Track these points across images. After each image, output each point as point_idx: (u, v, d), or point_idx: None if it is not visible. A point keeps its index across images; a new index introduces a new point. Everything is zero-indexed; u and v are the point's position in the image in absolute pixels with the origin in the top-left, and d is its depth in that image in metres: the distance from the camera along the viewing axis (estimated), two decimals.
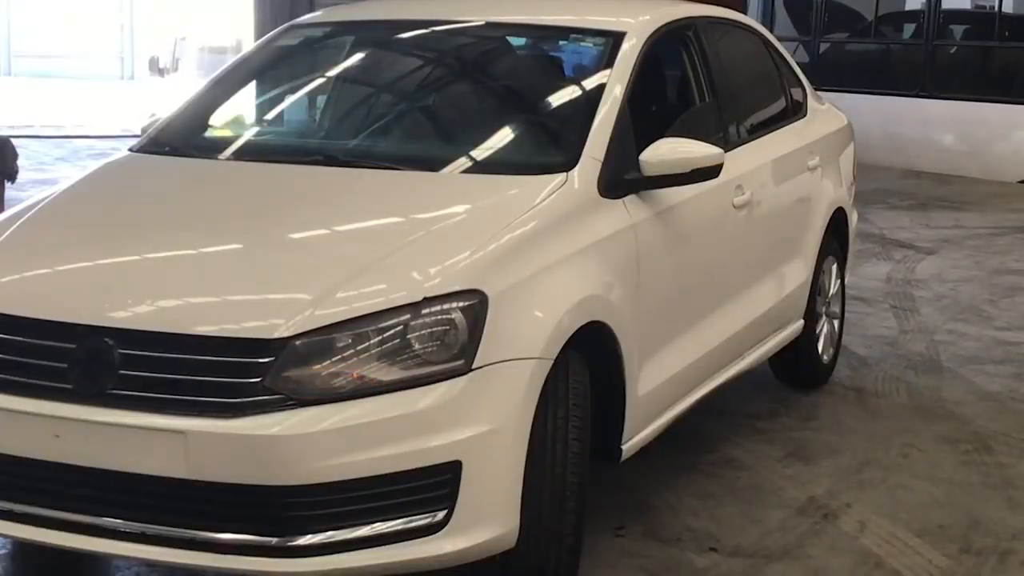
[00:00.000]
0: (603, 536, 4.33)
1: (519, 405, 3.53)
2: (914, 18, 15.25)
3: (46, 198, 4.34)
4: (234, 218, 4.11)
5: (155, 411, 3.37)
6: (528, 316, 3.63)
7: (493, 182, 4.16)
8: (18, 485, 3.54)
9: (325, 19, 5.65)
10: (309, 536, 3.34)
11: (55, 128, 18.84)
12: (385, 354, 3.41)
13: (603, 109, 4.41)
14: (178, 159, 4.68)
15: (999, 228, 11.00)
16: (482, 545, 3.50)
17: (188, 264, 3.84)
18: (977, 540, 4.47)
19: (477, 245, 3.69)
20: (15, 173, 9.75)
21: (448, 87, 5.22)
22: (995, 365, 6.68)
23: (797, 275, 5.76)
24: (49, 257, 3.93)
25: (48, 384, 3.47)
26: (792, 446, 5.38)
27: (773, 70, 6.09)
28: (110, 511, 3.45)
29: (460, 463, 3.41)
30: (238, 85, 5.21)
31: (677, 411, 4.65)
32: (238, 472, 3.31)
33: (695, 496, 4.77)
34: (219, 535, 3.37)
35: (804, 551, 4.33)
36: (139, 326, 3.47)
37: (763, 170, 5.37)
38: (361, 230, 3.97)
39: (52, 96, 25.93)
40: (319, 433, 3.31)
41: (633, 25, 4.88)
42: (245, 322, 3.45)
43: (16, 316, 3.59)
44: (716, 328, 4.94)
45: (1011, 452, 5.38)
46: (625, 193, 4.28)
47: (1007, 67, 14.40)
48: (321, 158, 4.53)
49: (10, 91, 26.84)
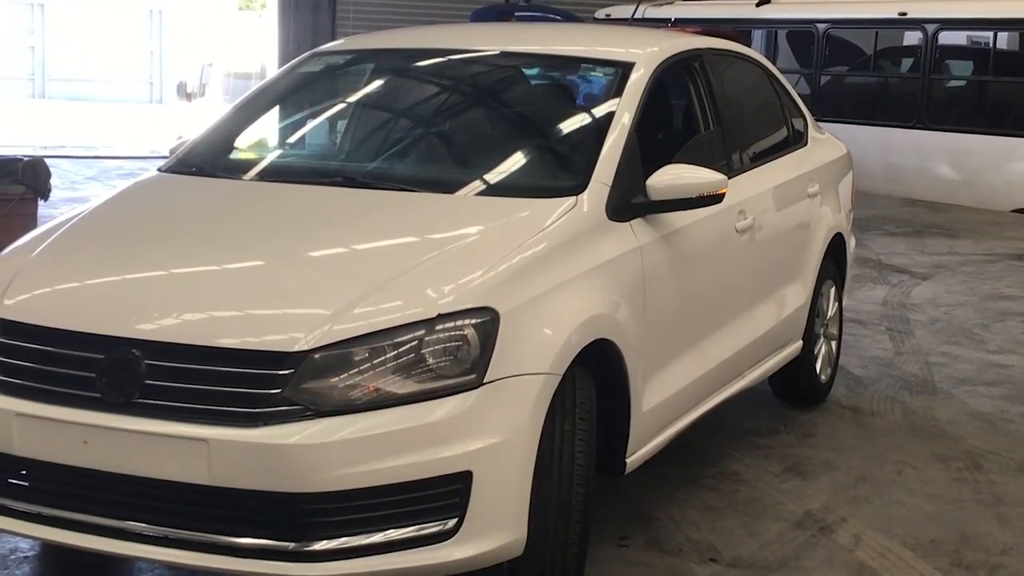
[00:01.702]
0: (607, 546, 4.32)
1: (528, 418, 3.54)
2: (912, 53, 15.24)
3: (77, 215, 4.36)
4: (257, 236, 4.12)
5: (179, 420, 3.38)
6: (538, 333, 3.64)
7: (505, 204, 4.16)
8: (46, 489, 3.56)
9: (346, 47, 5.67)
10: (325, 542, 3.34)
11: (86, 149, 18.94)
12: (400, 368, 3.42)
13: (612, 136, 4.42)
14: (204, 179, 4.69)
15: (992, 255, 10.98)
16: (491, 553, 3.50)
17: (212, 279, 3.85)
18: (968, 554, 4.46)
19: (489, 265, 3.70)
20: (48, 192, 9.80)
21: (463, 113, 5.23)
22: (987, 387, 6.67)
23: (796, 297, 5.76)
24: (79, 271, 3.94)
25: (77, 393, 3.49)
26: (790, 462, 5.37)
27: (775, 100, 6.10)
28: (134, 515, 3.46)
29: (471, 473, 3.42)
30: (262, 109, 5.23)
31: (679, 426, 4.64)
32: (258, 479, 3.32)
33: (696, 508, 4.76)
34: (238, 539, 3.38)
35: (801, 563, 4.32)
36: (164, 338, 3.48)
37: (765, 196, 5.38)
38: (378, 249, 3.98)
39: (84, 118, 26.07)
40: (336, 443, 3.32)
41: (641, 56, 4.89)
42: (266, 335, 3.46)
43: (47, 327, 3.61)
44: (718, 347, 4.94)
45: (1001, 470, 5.36)
46: (632, 217, 4.28)
47: (1000, 101, 14.39)
48: (341, 180, 4.53)
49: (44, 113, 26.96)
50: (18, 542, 4.21)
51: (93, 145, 19.74)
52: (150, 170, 4.98)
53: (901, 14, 15.02)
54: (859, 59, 16.11)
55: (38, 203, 9.69)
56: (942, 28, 14.62)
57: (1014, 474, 5.33)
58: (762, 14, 16.42)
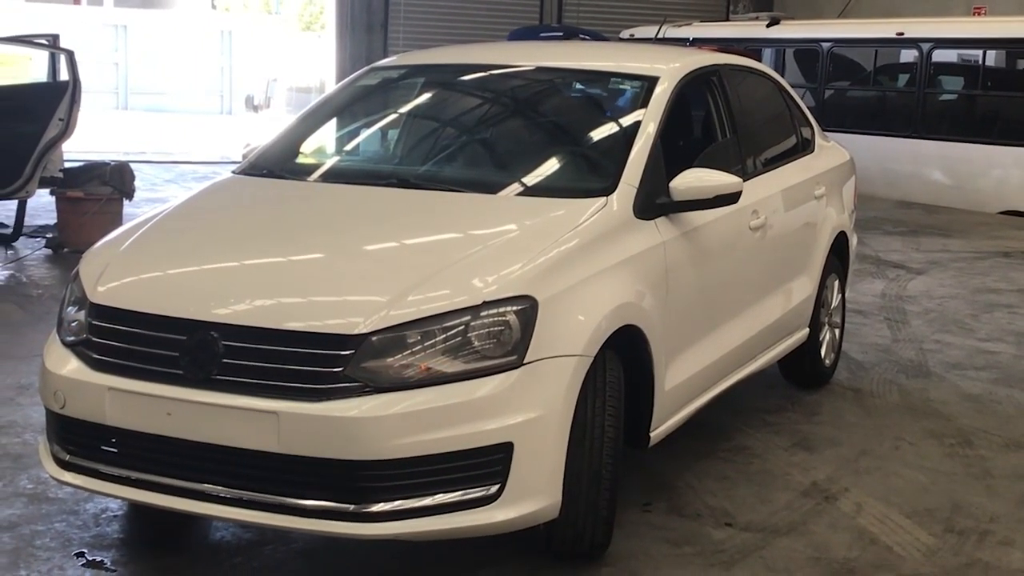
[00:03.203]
0: (632, 511, 4.32)
1: (563, 395, 3.55)
2: (908, 69, 15.12)
3: (159, 213, 4.39)
4: (320, 231, 4.14)
5: (252, 394, 3.41)
6: (572, 319, 3.64)
7: (543, 204, 4.17)
8: (134, 455, 3.60)
9: (400, 63, 5.69)
10: (381, 504, 3.36)
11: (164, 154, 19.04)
12: (449, 349, 3.44)
13: (638, 143, 4.41)
14: (273, 180, 4.71)
15: (981, 253, 10.89)
16: (529, 516, 3.52)
17: (281, 269, 3.87)
18: (959, 522, 4.44)
19: (529, 258, 3.71)
20: (132, 192, 9.90)
21: (504, 122, 5.23)
22: (976, 371, 6.62)
23: (803, 289, 5.73)
24: (163, 262, 3.97)
25: (162, 370, 3.53)
26: (798, 437, 5.35)
27: (785, 111, 6.07)
28: (211, 479, 3.49)
29: (512, 444, 3.43)
30: (325, 118, 5.24)
31: (698, 404, 4.64)
32: (322, 448, 3.35)
33: (713, 478, 4.76)
34: (304, 501, 3.40)
35: (808, 528, 4.31)
36: (239, 322, 3.51)
37: (776, 198, 5.35)
38: (428, 243, 3.98)
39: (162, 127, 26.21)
40: (391, 416, 3.34)
41: (665, 71, 4.88)
42: (329, 320, 3.48)
43: (136, 312, 3.65)
44: (733, 333, 4.93)
45: (990, 446, 5.33)
46: (656, 215, 4.28)
47: (989, 113, 14.25)
48: (395, 181, 4.54)
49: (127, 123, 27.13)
50: (108, 503, 4.25)
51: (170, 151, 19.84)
52: (221, 173, 5.01)
53: (898, 34, 14.92)
54: (860, 75, 16.00)
55: (123, 203, 9.78)
56: (936, 47, 14.51)
57: (1001, 450, 5.30)
58: (772, 34, 16.33)
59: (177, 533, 4.12)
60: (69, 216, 9.57)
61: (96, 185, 9.64)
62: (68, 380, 3.68)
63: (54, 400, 3.72)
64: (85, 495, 4.25)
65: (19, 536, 4.03)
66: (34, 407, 5.25)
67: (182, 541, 4.08)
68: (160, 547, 4.04)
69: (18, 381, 5.81)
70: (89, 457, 3.68)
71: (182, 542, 4.07)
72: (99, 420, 3.60)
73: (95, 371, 3.64)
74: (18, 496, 4.37)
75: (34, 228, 10.21)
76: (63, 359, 3.74)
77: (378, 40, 18.83)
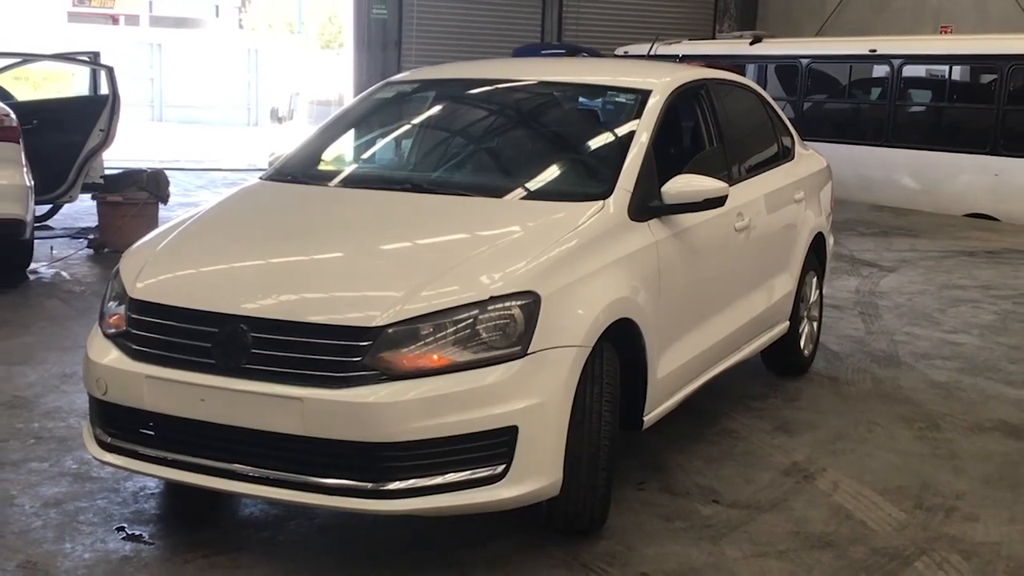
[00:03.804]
0: (628, 489, 4.32)
1: (564, 383, 3.55)
2: (880, 83, 15.08)
3: (193, 216, 4.38)
4: (340, 231, 4.14)
5: (278, 382, 3.41)
6: (572, 313, 3.64)
7: (545, 207, 4.16)
8: (169, 438, 3.60)
9: (413, 77, 5.68)
10: (397, 482, 3.37)
11: (196, 162, 19.00)
12: (458, 340, 3.44)
13: (633, 151, 4.41)
14: (297, 185, 4.70)
15: (947, 252, 10.87)
16: (532, 493, 3.52)
17: (305, 267, 3.87)
18: (928, 499, 4.43)
19: (532, 256, 3.70)
20: (167, 197, 9.90)
21: (509, 131, 5.23)
22: (943, 360, 6.61)
23: (784, 285, 5.73)
24: (197, 260, 3.97)
25: (196, 359, 3.53)
26: (779, 421, 5.35)
27: (767, 122, 6.06)
28: (241, 459, 3.50)
29: (517, 428, 3.43)
30: (344, 129, 5.23)
31: (688, 391, 4.64)
32: (342, 431, 3.35)
33: (701, 459, 4.75)
34: (326, 480, 3.40)
35: (788, 505, 4.31)
36: (266, 315, 3.51)
37: (759, 201, 5.35)
38: (440, 243, 3.98)
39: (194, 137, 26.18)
40: (406, 402, 3.34)
41: (657, 84, 4.87)
42: (349, 313, 3.48)
43: (171, 306, 3.65)
44: (719, 326, 4.92)
45: (956, 430, 5.32)
46: (649, 217, 4.27)
47: (954, 123, 14.21)
48: (409, 186, 4.54)
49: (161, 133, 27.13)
50: (146, 481, 4.26)
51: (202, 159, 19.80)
52: (249, 179, 5.00)
53: (871, 51, 14.90)
54: (836, 88, 15.97)
55: (159, 206, 9.78)
56: (906, 63, 14.48)
57: (966, 433, 5.29)
58: (755, 51, 16.30)
59: (210, 509, 4.13)
60: (109, 219, 9.58)
61: (134, 190, 9.64)
62: (109, 369, 3.68)
63: (96, 387, 3.73)
64: (125, 474, 4.26)
65: (65, 512, 4.04)
66: (78, 394, 5.26)
67: (214, 517, 4.08)
68: (194, 522, 4.05)
69: (63, 370, 5.81)
70: (129, 439, 3.69)
71: (214, 518, 4.07)
72: (138, 405, 3.61)
73: (134, 361, 3.64)
74: (64, 475, 4.38)
75: (77, 230, 10.22)
76: (105, 350, 3.75)
77: (392, 57, 18.83)
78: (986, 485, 4.62)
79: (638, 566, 3.72)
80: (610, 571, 3.68)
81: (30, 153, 7.88)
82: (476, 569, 3.65)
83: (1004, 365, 6.57)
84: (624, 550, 3.83)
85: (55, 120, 9.48)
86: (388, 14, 18.88)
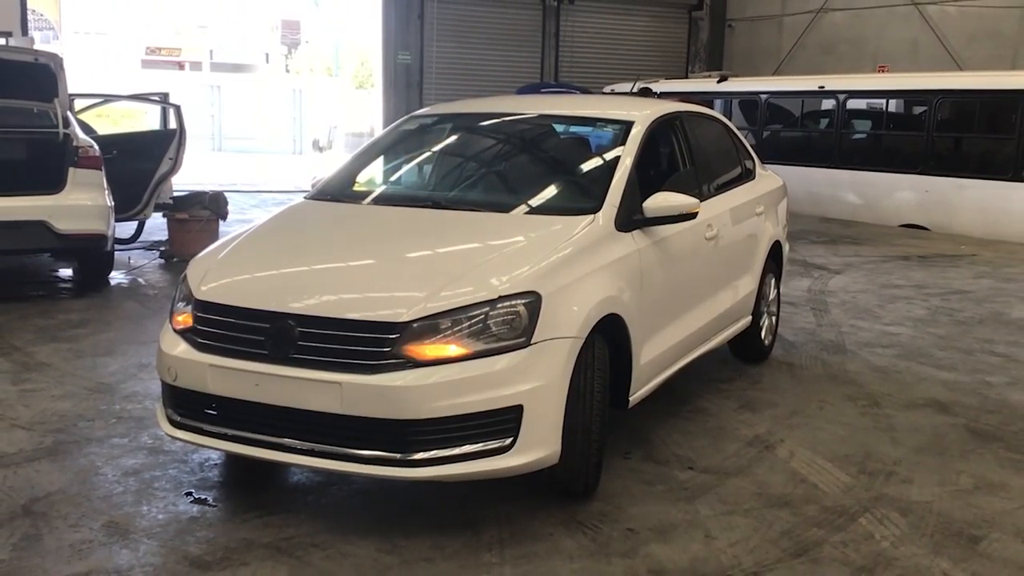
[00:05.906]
0: (616, 459, 4.33)
1: (562, 368, 3.55)
2: (828, 115, 15.08)
3: (247, 230, 4.38)
4: (372, 242, 4.14)
5: (321, 369, 3.41)
6: (568, 309, 3.64)
7: (545, 220, 4.16)
8: (231, 417, 3.61)
9: (433, 112, 5.68)
10: (422, 453, 3.37)
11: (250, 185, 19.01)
12: (472, 333, 3.44)
13: (619, 172, 4.41)
14: (336, 204, 4.71)
15: (886, 257, 10.86)
16: (535, 462, 3.52)
17: (342, 272, 3.87)
18: (870, 464, 4.43)
19: (534, 262, 3.71)
20: (226, 215, 9.92)
21: (514, 156, 5.21)
22: (883, 348, 6.60)
23: (747, 285, 5.72)
24: (251, 267, 3.97)
25: (250, 350, 3.54)
26: (744, 400, 5.34)
27: (732, 148, 6.05)
28: (290, 434, 3.50)
29: (522, 406, 3.44)
30: (374, 156, 5.24)
31: (666, 375, 4.62)
32: (375, 409, 3.35)
33: (678, 432, 4.75)
34: (361, 451, 3.41)
35: (752, 470, 4.31)
36: (310, 312, 3.51)
37: (726, 215, 5.34)
38: (456, 251, 3.98)
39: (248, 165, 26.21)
40: (429, 385, 3.34)
41: (639, 116, 4.87)
42: (380, 311, 3.48)
43: (231, 306, 3.66)
44: (693, 320, 4.91)
45: (894, 406, 5.31)
46: (633, 228, 4.27)
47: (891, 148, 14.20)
48: (430, 203, 4.53)
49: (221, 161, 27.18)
50: (210, 454, 4.27)
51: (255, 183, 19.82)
52: (295, 199, 5.01)
53: (820, 87, 14.90)
54: (790, 119, 15.95)
55: (219, 223, 9.80)
56: (849, 97, 14.47)
57: (902, 409, 5.28)
58: (722, 88, 16.29)
59: (264, 477, 4.13)
60: (177, 233, 9.61)
61: (198, 209, 9.68)
62: (179, 359, 3.69)
63: (168, 374, 3.74)
64: (192, 448, 4.27)
65: (141, 480, 4.05)
66: (152, 380, 5.28)
67: (268, 483, 4.09)
68: (251, 487, 4.05)
69: (139, 361, 5.83)
70: (195, 418, 3.70)
71: (268, 484, 4.08)
72: (202, 389, 3.62)
73: (199, 352, 3.65)
74: (140, 449, 4.39)
75: (150, 243, 10.24)
76: (174, 343, 3.76)
77: (415, 95, 18.90)
78: (919, 453, 4.61)
79: (625, 523, 3.72)
80: (602, 527, 3.68)
81: (111, 178, 7.91)
82: (487, 526, 3.66)
83: (934, 352, 6.55)
84: (614, 510, 3.83)
85: (131, 150, 9.51)
86: (411, 59, 18.98)
